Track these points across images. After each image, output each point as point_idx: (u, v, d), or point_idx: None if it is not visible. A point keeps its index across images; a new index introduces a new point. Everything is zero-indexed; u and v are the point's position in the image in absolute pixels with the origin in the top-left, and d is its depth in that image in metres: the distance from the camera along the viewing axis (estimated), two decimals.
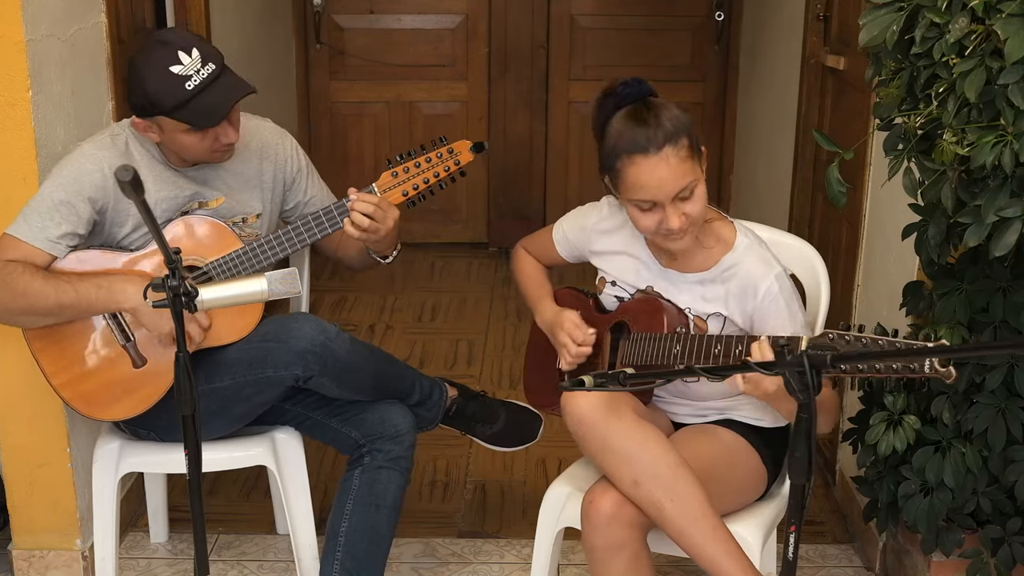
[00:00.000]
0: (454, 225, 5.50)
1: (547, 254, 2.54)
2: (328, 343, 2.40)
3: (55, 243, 2.32)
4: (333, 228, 2.44)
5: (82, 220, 2.34)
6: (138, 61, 2.32)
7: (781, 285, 2.21)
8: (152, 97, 2.28)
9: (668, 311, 2.26)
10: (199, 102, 2.28)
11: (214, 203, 2.46)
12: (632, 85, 2.22)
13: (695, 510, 2.08)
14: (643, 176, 2.13)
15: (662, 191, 2.13)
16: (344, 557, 2.49)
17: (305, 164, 2.63)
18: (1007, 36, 1.77)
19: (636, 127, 2.14)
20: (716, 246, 2.27)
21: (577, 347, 2.33)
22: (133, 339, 2.37)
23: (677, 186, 2.12)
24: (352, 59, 5.29)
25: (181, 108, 2.28)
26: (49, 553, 2.80)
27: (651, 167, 2.12)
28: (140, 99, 2.31)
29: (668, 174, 2.12)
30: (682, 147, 2.13)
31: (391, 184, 2.46)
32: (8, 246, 2.33)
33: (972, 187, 1.97)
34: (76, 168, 2.35)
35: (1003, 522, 2.28)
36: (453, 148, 2.46)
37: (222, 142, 2.37)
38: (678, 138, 2.13)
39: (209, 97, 2.28)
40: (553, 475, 3.05)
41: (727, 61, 5.24)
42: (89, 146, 2.40)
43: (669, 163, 2.12)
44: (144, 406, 2.41)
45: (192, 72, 2.27)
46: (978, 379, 2.20)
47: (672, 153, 2.12)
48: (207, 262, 2.40)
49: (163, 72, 2.26)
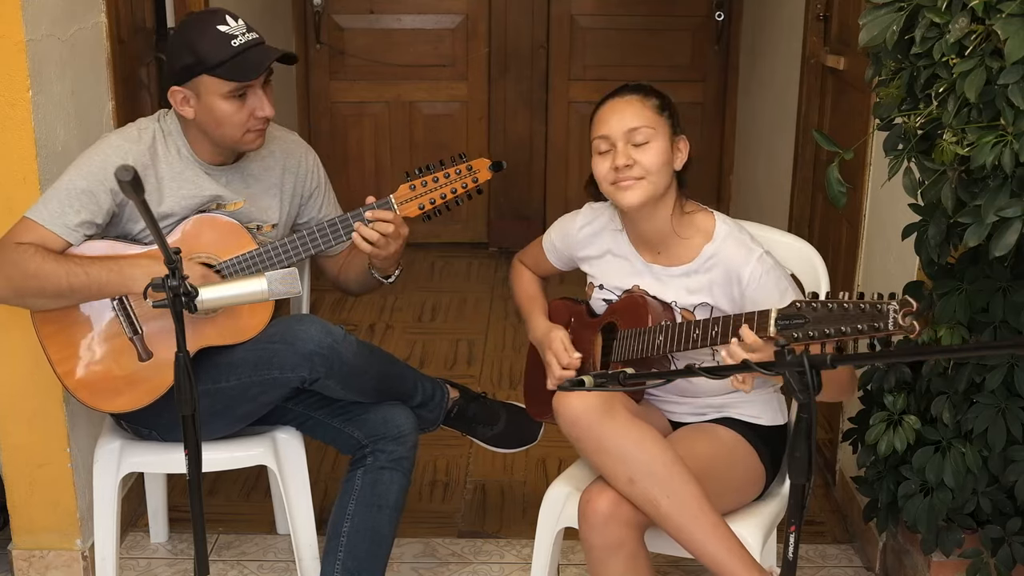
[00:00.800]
0: (454, 225, 5.49)
1: (540, 264, 2.57)
2: (335, 345, 2.40)
3: (72, 230, 2.33)
4: (348, 235, 2.45)
5: (101, 210, 2.35)
6: (185, 25, 2.45)
7: (764, 266, 2.23)
8: (199, 53, 2.33)
9: (652, 307, 2.28)
10: (243, 58, 2.34)
11: (232, 206, 2.46)
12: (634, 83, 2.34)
13: (692, 507, 2.08)
14: (604, 112, 2.28)
15: (615, 125, 2.25)
16: (345, 557, 2.49)
17: (324, 181, 2.65)
18: (1007, 36, 1.77)
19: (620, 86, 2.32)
20: (696, 237, 2.29)
21: (561, 370, 2.35)
22: (141, 332, 2.37)
23: (631, 123, 2.24)
24: (352, 59, 5.29)
25: (225, 64, 2.33)
26: (49, 553, 2.80)
27: (613, 106, 2.28)
28: (186, 57, 2.35)
29: (626, 110, 2.25)
30: (650, 101, 2.27)
31: (408, 197, 2.46)
32: (25, 228, 2.33)
33: (972, 187, 1.97)
34: (102, 159, 2.35)
35: (1003, 522, 2.28)
36: (472, 165, 2.47)
37: (257, 115, 2.38)
38: (650, 95, 2.28)
39: (252, 55, 2.35)
40: (553, 475, 3.05)
41: (727, 61, 5.24)
42: (116, 137, 2.41)
43: (631, 104, 2.26)
44: (147, 400, 2.41)
45: (238, 33, 2.35)
46: (978, 379, 2.20)
47: (637, 99, 2.26)
48: (220, 261, 2.41)
49: (211, 30, 2.34)
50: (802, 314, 1.83)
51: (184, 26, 2.45)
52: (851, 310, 1.76)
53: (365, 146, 5.38)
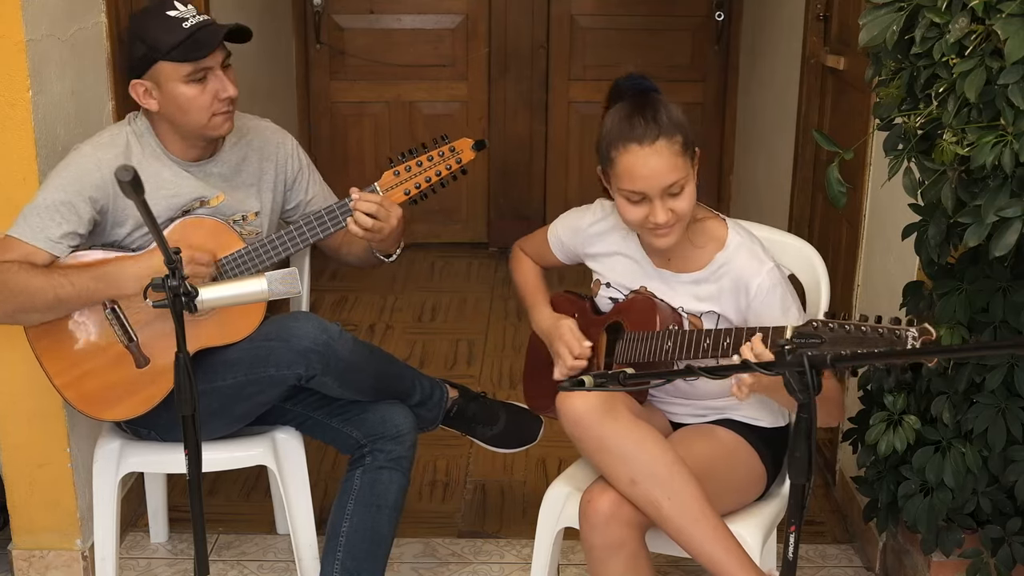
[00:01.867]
0: (454, 225, 5.50)
1: (543, 255, 2.55)
2: (331, 342, 2.40)
3: (56, 243, 2.33)
4: (336, 227, 2.44)
5: (83, 220, 2.34)
6: (136, 17, 2.48)
7: (772, 281, 2.22)
8: (151, 41, 2.34)
9: (661, 310, 2.26)
10: (195, 39, 2.34)
11: (214, 201, 2.46)
12: (635, 79, 2.27)
13: (693, 508, 2.08)
14: (635, 166, 2.15)
15: (652, 182, 2.15)
16: (345, 557, 2.49)
17: (306, 163, 2.64)
18: (1007, 36, 1.77)
19: (633, 117, 2.17)
20: (708, 245, 2.28)
21: (573, 359, 2.34)
22: (136, 339, 2.37)
23: (668, 179, 2.15)
24: (352, 59, 5.29)
25: (178, 47, 2.33)
26: (49, 553, 2.80)
27: (644, 157, 2.15)
28: (140, 48, 2.36)
29: (660, 166, 2.14)
30: (676, 143, 2.15)
31: (393, 183, 2.46)
32: (8, 247, 2.33)
33: (972, 187, 1.97)
34: (76, 168, 2.35)
35: (1003, 522, 2.28)
36: (455, 146, 2.47)
37: (221, 97, 2.38)
38: (673, 134, 2.16)
39: (203, 35, 2.35)
40: (553, 475, 3.05)
41: (727, 61, 5.24)
42: (87, 146, 2.41)
43: (662, 155, 2.14)
44: (147, 406, 2.41)
45: (188, 16, 2.36)
46: (978, 379, 2.20)
47: (666, 147, 2.14)
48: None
49: (160, 16, 2.35)
50: (818, 334, 1.81)
51: (135, 18, 2.48)
52: (868, 333, 1.75)
53: (365, 146, 5.38)
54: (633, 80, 2.28)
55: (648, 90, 2.25)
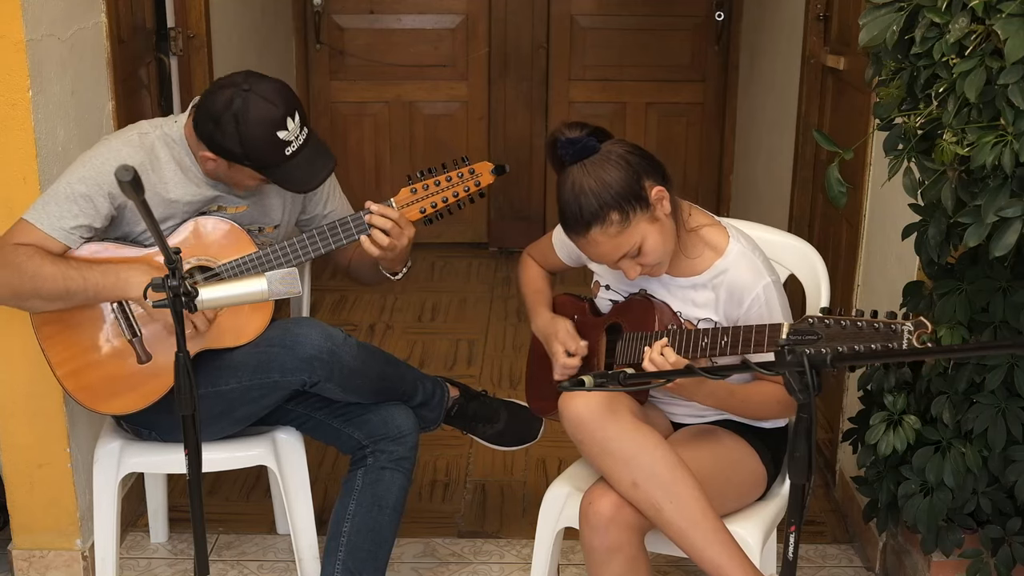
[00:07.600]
0: (454, 225, 5.48)
1: (548, 258, 2.56)
2: (335, 350, 2.40)
3: (69, 233, 2.33)
4: (348, 240, 2.44)
5: (100, 215, 2.34)
6: (247, 110, 2.27)
7: (768, 296, 2.21)
8: (251, 152, 2.29)
9: (660, 310, 2.27)
10: (291, 166, 2.32)
11: (233, 210, 2.45)
12: (568, 145, 2.15)
13: (694, 511, 2.08)
14: (584, 248, 2.22)
15: (604, 260, 2.21)
16: (346, 557, 2.49)
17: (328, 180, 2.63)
18: (1007, 36, 1.77)
19: (564, 208, 2.16)
20: (706, 252, 2.27)
21: (567, 357, 2.34)
22: (140, 334, 2.37)
23: (616, 255, 2.18)
24: (352, 59, 5.29)
25: (274, 168, 2.33)
26: (49, 553, 2.80)
27: (584, 246, 2.20)
28: (234, 146, 2.29)
29: (602, 249, 2.17)
30: (610, 224, 2.12)
31: (409, 200, 2.46)
32: (23, 231, 2.33)
33: (972, 187, 1.97)
34: (100, 163, 2.34)
35: (1003, 522, 2.28)
36: (475, 169, 2.47)
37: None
38: (604, 217, 2.12)
39: (300, 168, 2.33)
40: (553, 475, 3.05)
41: (727, 61, 5.24)
42: (116, 142, 2.40)
43: (599, 242, 2.16)
44: (146, 402, 2.41)
45: (293, 139, 2.31)
46: (978, 379, 2.20)
47: (599, 232, 2.13)
48: (219, 264, 2.41)
49: (271, 136, 2.28)
50: (814, 330, 1.82)
51: (245, 111, 2.27)
52: (864, 328, 1.75)
53: (365, 146, 5.38)
54: (570, 144, 2.15)
55: (582, 155, 2.14)
